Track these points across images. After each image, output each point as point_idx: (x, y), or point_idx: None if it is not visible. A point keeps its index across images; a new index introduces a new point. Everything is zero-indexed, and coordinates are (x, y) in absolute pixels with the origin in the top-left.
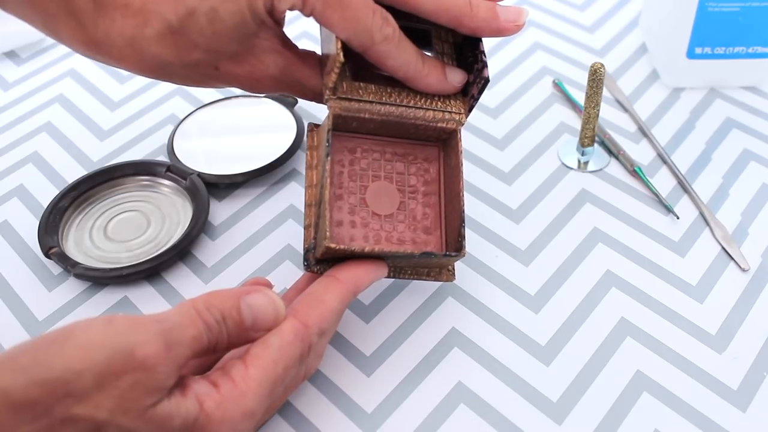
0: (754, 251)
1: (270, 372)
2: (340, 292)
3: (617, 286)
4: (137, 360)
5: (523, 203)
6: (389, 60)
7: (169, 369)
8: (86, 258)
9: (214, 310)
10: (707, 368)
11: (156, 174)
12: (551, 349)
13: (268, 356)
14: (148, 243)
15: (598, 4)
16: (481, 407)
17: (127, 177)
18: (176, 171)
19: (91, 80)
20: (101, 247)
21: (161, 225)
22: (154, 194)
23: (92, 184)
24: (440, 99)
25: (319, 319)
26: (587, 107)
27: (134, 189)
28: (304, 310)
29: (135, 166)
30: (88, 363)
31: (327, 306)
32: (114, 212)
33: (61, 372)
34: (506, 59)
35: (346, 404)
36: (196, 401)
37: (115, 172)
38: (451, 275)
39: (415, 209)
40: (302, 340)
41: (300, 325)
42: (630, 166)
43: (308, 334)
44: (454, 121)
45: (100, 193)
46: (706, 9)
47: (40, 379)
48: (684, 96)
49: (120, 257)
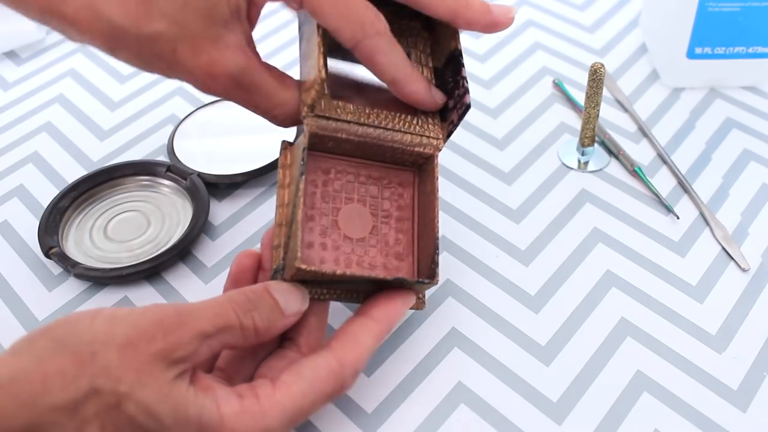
0: (754, 251)
1: (296, 402)
2: (377, 333)
3: (617, 286)
4: (157, 330)
5: (523, 203)
6: (380, 56)
7: (186, 337)
8: (86, 258)
9: (246, 292)
10: (707, 368)
11: (156, 174)
12: (551, 349)
13: (297, 387)
14: (148, 243)
15: (598, 4)
16: (481, 407)
17: (127, 177)
18: (176, 171)
19: (91, 80)
20: (101, 247)
21: (161, 225)
22: (154, 194)
23: (92, 184)
24: (419, 122)
25: (355, 361)
26: (587, 107)
27: (134, 189)
28: (341, 349)
29: (135, 166)
30: (111, 336)
31: (364, 347)
32: (114, 212)
33: (88, 344)
34: (506, 59)
35: (346, 404)
36: (214, 402)
37: (115, 172)
38: (422, 303)
39: (387, 234)
40: (336, 378)
41: (336, 364)
42: (630, 166)
43: (343, 373)
44: (431, 146)
45: (100, 193)
46: (706, 9)
47: (71, 350)
48: (684, 96)
49: (120, 257)
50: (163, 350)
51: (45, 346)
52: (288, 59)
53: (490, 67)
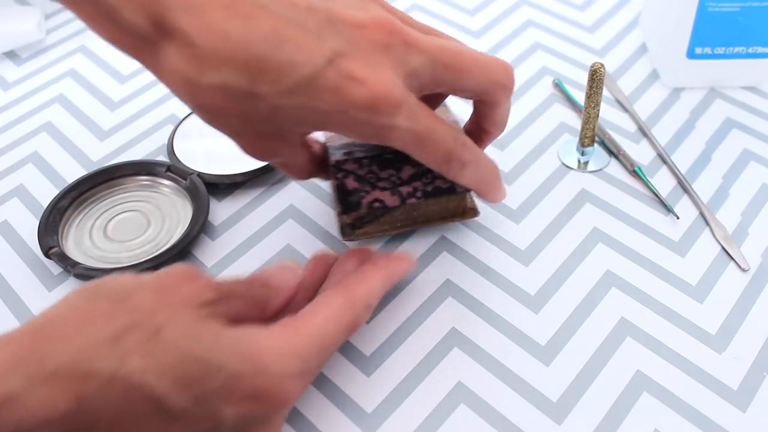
0: (754, 251)
1: (320, 325)
2: (383, 275)
3: (617, 286)
4: (183, 278)
5: (523, 203)
6: (463, 180)
7: (205, 282)
8: (86, 258)
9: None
10: (707, 368)
11: (156, 174)
12: (551, 349)
13: (318, 314)
14: (148, 243)
15: (598, 4)
16: (481, 407)
17: (127, 177)
18: (176, 171)
19: (91, 80)
20: (101, 247)
21: (161, 225)
22: (155, 194)
23: (92, 184)
24: (453, 216)
25: (366, 294)
26: (587, 107)
27: (134, 189)
28: (353, 286)
29: (135, 166)
30: (142, 283)
31: (373, 283)
32: (114, 212)
33: (120, 291)
34: (506, 59)
35: (346, 404)
36: (247, 332)
37: (115, 172)
38: (475, 212)
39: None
40: (350, 307)
41: (349, 293)
42: (630, 166)
43: (356, 303)
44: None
45: (100, 193)
46: (706, 9)
47: (105, 296)
48: (684, 96)
49: (120, 257)
50: (192, 293)
51: (79, 296)
52: None
53: None
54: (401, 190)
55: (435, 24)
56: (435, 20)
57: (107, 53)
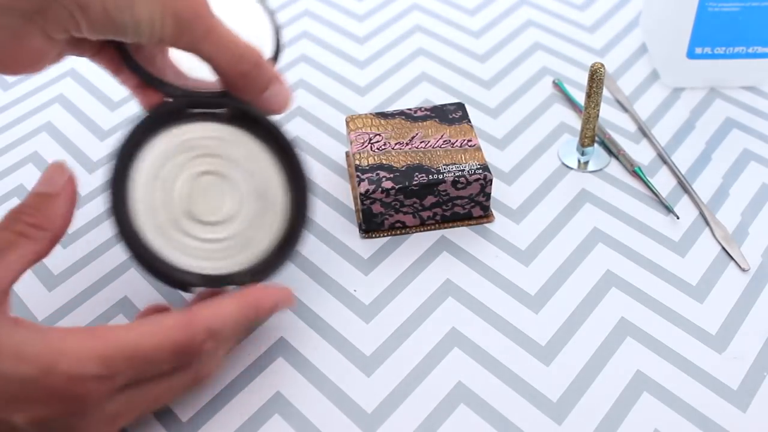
0: (754, 251)
1: (133, 337)
2: (239, 300)
3: (617, 286)
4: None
5: (523, 203)
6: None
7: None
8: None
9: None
10: (707, 368)
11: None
12: (551, 349)
13: (141, 327)
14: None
15: (598, 4)
16: (481, 407)
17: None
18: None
19: (91, 80)
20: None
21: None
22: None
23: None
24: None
25: (208, 318)
26: (587, 107)
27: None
28: (197, 307)
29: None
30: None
31: (222, 309)
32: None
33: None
34: (506, 59)
35: (346, 404)
36: (37, 330)
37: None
38: (491, 216)
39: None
40: (183, 329)
41: (185, 317)
42: (630, 166)
43: (192, 326)
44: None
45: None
46: (706, 9)
47: None
48: (684, 96)
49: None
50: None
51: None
52: (288, 58)
53: (490, 67)
54: (422, 214)
55: (435, 24)
56: (435, 20)
57: None
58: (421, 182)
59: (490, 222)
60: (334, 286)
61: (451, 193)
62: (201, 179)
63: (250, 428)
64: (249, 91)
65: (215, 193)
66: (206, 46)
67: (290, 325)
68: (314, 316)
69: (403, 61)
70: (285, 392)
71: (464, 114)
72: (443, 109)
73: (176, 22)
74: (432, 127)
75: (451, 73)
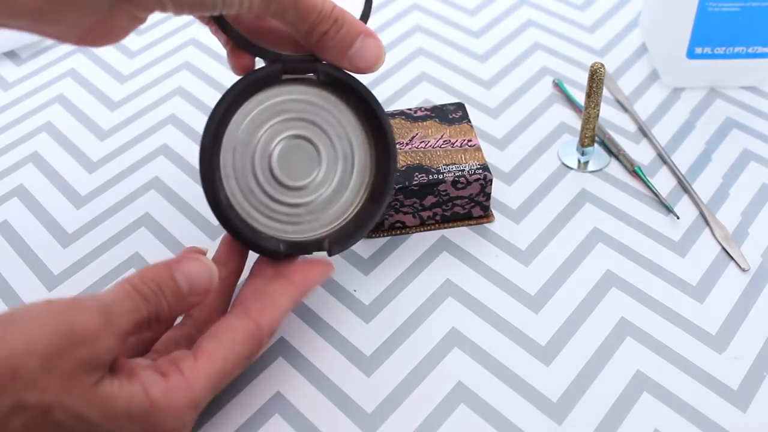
0: (754, 251)
1: (219, 366)
2: (292, 295)
3: (617, 286)
4: (78, 336)
5: (523, 203)
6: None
7: (110, 342)
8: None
9: (149, 282)
10: (707, 368)
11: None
12: (551, 349)
13: (219, 352)
14: None
15: (598, 4)
16: (481, 407)
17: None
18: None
19: (91, 80)
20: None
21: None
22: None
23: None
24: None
25: (271, 321)
26: (587, 107)
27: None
28: (258, 311)
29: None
30: (32, 347)
31: (280, 308)
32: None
33: (6, 358)
34: (506, 59)
35: (346, 404)
36: (142, 388)
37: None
38: (490, 216)
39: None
40: (254, 339)
41: (254, 325)
42: (630, 166)
43: (261, 334)
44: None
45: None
46: (706, 9)
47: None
48: (684, 96)
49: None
50: (88, 357)
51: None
52: None
53: (490, 67)
54: (422, 214)
55: (435, 24)
56: (435, 20)
57: (107, 53)
58: (421, 182)
59: (490, 222)
60: (334, 286)
61: (451, 193)
62: (289, 143)
63: (250, 428)
64: (333, 51)
65: (302, 157)
66: (291, 12)
67: (290, 325)
68: (314, 316)
69: (403, 61)
70: (285, 392)
71: (464, 114)
72: (443, 109)
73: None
74: (432, 127)
75: (451, 73)
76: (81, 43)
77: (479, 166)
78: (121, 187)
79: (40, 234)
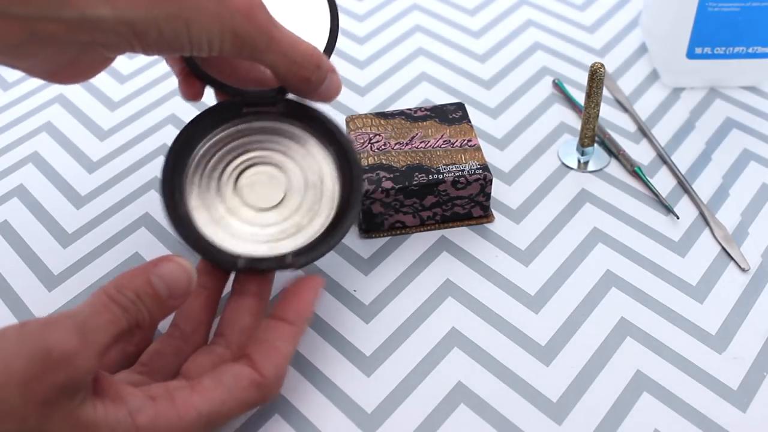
0: (754, 251)
1: (214, 407)
2: (293, 336)
3: (617, 286)
4: (55, 360)
5: (523, 203)
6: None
7: (89, 361)
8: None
9: (126, 291)
10: (707, 368)
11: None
12: (551, 349)
13: (217, 394)
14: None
15: (598, 4)
16: (481, 407)
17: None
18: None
19: (91, 80)
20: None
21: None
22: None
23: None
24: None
25: (275, 369)
26: (587, 107)
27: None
28: (260, 361)
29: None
30: (7, 377)
31: (282, 354)
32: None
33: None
34: (506, 59)
35: (346, 404)
36: (128, 414)
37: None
38: (491, 217)
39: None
40: (258, 388)
41: (258, 376)
42: (630, 166)
43: (265, 383)
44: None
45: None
46: (706, 9)
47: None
48: (684, 96)
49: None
50: (66, 381)
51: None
52: None
53: (490, 67)
54: (422, 214)
55: (435, 24)
56: (435, 20)
57: None
58: (421, 182)
59: (490, 222)
60: (334, 286)
61: (451, 193)
62: (255, 173)
63: (251, 428)
64: (308, 91)
65: (268, 185)
66: (268, 56)
67: None
68: (314, 316)
69: (403, 61)
70: (285, 392)
71: (464, 114)
72: (443, 109)
73: (236, 37)
74: (432, 127)
75: (451, 73)
76: (51, 79)
77: (479, 166)
78: (121, 187)
79: (40, 234)
